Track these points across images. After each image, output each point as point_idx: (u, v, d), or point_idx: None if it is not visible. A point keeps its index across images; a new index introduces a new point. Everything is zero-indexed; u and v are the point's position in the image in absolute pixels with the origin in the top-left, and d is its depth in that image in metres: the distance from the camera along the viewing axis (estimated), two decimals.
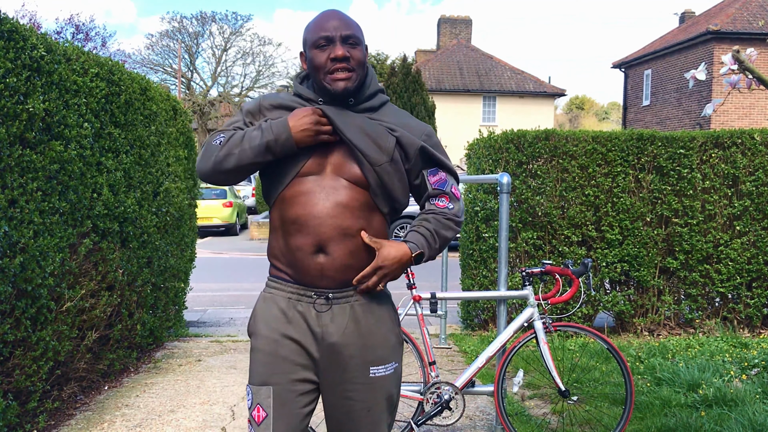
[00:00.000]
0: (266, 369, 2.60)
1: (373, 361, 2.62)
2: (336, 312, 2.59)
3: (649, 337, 8.29)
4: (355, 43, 2.58)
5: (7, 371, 4.62)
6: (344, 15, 2.62)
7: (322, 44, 2.55)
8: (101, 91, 5.85)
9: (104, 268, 5.90)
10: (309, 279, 2.58)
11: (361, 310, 2.61)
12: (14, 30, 4.55)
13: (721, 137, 8.30)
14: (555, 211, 8.09)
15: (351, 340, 2.59)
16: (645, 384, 6.27)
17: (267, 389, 2.59)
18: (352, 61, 2.56)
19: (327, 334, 2.57)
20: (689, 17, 38.10)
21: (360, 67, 2.59)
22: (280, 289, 2.65)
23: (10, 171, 4.47)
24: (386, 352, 2.66)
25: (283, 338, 2.60)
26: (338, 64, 2.54)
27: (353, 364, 2.60)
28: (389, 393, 2.68)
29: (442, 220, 2.69)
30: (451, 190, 2.73)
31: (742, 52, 4.06)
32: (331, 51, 2.54)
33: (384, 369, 2.64)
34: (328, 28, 2.56)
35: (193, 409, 5.67)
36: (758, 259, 8.25)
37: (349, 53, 2.55)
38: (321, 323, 2.58)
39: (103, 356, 6.18)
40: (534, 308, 4.83)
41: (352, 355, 2.59)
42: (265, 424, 2.58)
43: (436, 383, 4.76)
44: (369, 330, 2.62)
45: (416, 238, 2.63)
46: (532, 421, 5.39)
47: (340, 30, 2.55)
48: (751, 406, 5.34)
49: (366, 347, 2.61)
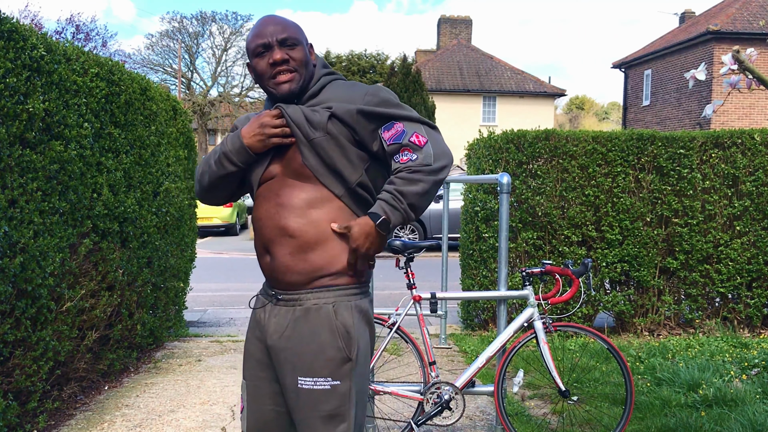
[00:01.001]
0: (244, 365, 2.72)
1: (301, 371, 2.52)
2: (280, 314, 2.59)
3: (649, 337, 8.29)
4: (294, 44, 2.59)
5: (7, 371, 4.62)
6: (280, 18, 2.62)
7: (261, 51, 2.58)
8: (101, 91, 5.84)
9: (104, 268, 5.90)
10: (267, 279, 2.68)
11: (300, 315, 2.55)
12: (14, 30, 4.54)
13: (721, 137, 8.30)
14: (555, 211, 8.09)
15: (286, 344, 2.55)
16: (645, 384, 6.27)
17: (243, 383, 2.72)
18: (293, 62, 2.58)
19: (267, 336, 2.61)
20: (689, 17, 38.10)
21: (302, 66, 2.60)
22: (260, 290, 2.77)
23: (10, 171, 4.47)
24: (317, 364, 2.50)
25: (252, 337, 2.70)
26: (278, 67, 2.56)
27: (286, 370, 2.56)
28: (324, 410, 2.51)
29: (406, 175, 2.49)
30: (409, 141, 2.54)
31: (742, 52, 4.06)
32: (270, 56, 2.56)
33: (312, 382, 2.50)
34: (264, 34, 2.57)
35: (193, 409, 5.67)
36: (758, 259, 8.24)
37: (288, 55, 2.57)
38: (266, 324, 2.63)
39: (103, 356, 6.18)
40: (534, 308, 4.83)
41: (286, 359, 2.56)
42: (243, 415, 2.71)
43: (436, 383, 4.76)
44: (302, 338, 2.53)
45: (378, 205, 2.50)
46: (532, 421, 5.39)
47: (276, 34, 2.57)
48: (751, 406, 5.34)
49: (296, 354, 2.53)
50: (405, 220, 2.50)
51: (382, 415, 5.36)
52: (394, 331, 4.83)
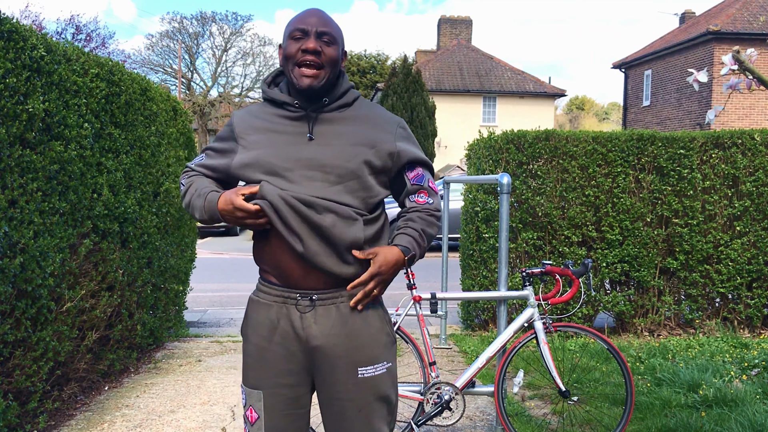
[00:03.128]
0: (256, 374, 2.64)
1: (361, 362, 2.60)
2: (320, 314, 2.59)
3: (649, 337, 8.29)
4: (330, 42, 2.59)
5: (7, 372, 4.62)
6: (326, 15, 2.64)
7: (297, 36, 2.57)
8: (101, 92, 5.84)
9: (104, 269, 5.90)
10: (294, 281, 2.59)
11: (347, 311, 2.60)
12: (14, 30, 4.55)
13: (722, 137, 8.30)
14: (555, 211, 8.09)
15: (337, 341, 2.58)
16: (645, 384, 6.27)
17: (258, 393, 2.63)
18: (323, 56, 2.56)
19: (311, 337, 2.58)
20: (689, 17, 38.10)
21: (330, 65, 2.59)
22: (267, 293, 2.66)
23: (10, 171, 4.47)
24: (376, 351, 2.63)
25: (271, 344, 2.61)
26: (308, 56, 2.54)
27: (341, 365, 2.59)
28: (382, 393, 2.65)
29: (426, 217, 2.70)
30: (428, 185, 2.74)
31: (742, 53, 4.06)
32: (304, 43, 2.55)
33: (374, 369, 2.62)
34: (306, 21, 2.58)
35: (194, 410, 5.67)
36: (758, 260, 8.24)
37: (321, 48, 2.56)
38: (304, 326, 2.58)
39: (104, 356, 6.18)
40: (534, 308, 4.84)
41: (339, 356, 2.58)
42: (257, 425, 2.64)
43: (437, 383, 4.76)
44: (356, 330, 2.61)
45: (407, 240, 2.64)
46: (532, 422, 5.39)
47: (317, 26, 2.57)
48: (752, 406, 5.34)
49: (354, 348, 2.60)
50: (419, 258, 2.70)
51: None
52: (395, 331, 4.82)
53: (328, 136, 2.60)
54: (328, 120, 2.63)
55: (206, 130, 50.40)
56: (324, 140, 2.59)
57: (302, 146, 2.58)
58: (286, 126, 2.62)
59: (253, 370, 2.65)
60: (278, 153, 2.57)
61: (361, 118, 2.67)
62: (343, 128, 2.63)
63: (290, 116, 2.63)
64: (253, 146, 2.60)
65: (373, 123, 2.68)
